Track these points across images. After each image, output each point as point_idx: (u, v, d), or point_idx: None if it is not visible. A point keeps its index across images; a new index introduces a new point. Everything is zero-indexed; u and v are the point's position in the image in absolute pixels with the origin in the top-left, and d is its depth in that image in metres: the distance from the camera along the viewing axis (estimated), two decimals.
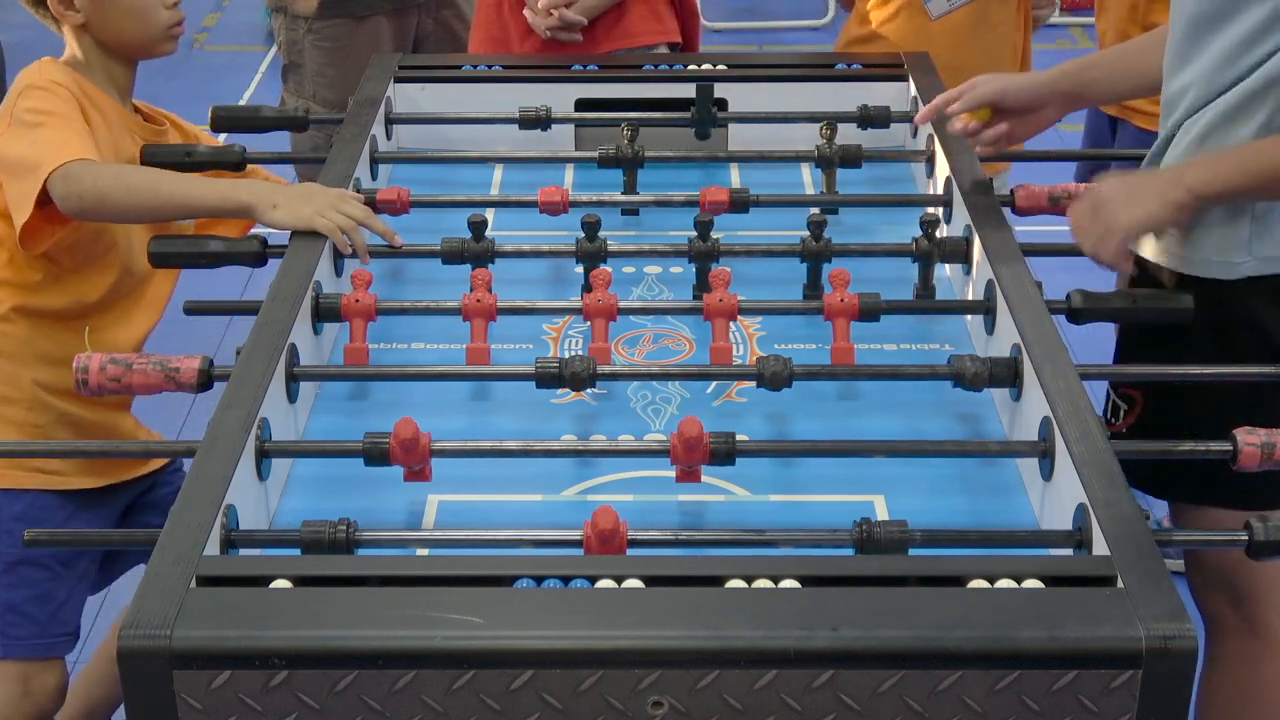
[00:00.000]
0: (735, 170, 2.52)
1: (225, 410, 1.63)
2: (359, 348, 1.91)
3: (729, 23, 6.62)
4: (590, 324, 1.92)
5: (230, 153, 2.36)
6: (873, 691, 1.30)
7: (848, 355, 1.89)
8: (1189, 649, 1.30)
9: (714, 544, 1.59)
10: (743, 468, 1.70)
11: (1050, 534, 1.58)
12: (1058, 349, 1.74)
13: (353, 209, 2.05)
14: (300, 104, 3.43)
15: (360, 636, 1.31)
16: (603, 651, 1.31)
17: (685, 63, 2.70)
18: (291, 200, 2.05)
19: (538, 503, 1.72)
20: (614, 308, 1.91)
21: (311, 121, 2.59)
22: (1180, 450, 1.68)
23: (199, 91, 6.06)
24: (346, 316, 1.92)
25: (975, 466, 1.77)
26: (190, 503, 1.49)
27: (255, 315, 1.82)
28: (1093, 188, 1.95)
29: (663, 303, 2.10)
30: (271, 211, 2.03)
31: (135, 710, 1.32)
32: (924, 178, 2.43)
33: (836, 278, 1.92)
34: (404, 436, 1.62)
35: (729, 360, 1.91)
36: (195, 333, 4.22)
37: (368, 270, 2.01)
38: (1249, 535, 1.52)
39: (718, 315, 1.90)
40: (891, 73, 2.63)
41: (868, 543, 1.52)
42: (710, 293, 1.92)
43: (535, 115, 2.49)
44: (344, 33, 3.35)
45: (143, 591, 1.35)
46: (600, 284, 1.93)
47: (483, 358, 1.90)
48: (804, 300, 2.06)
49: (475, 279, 1.94)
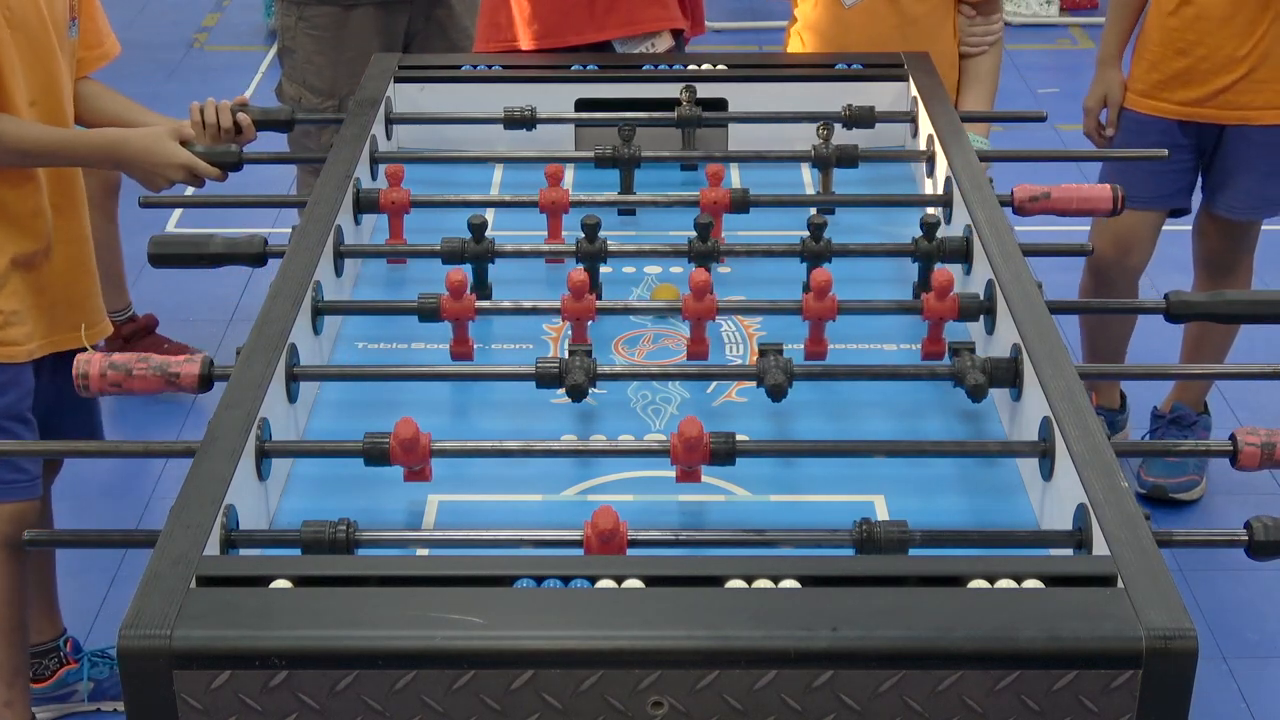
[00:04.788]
0: (735, 170, 2.52)
1: (225, 410, 1.63)
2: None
3: (729, 23, 6.61)
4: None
5: (229, 153, 2.36)
6: (873, 691, 1.30)
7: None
8: (1189, 649, 1.30)
9: (714, 544, 1.59)
10: (743, 468, 1.70)
11: (1050, 534, 1.58)
12: (1058, 349, 1.74)
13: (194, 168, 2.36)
14: (294, 90, 3.45)
15: (360, 636, 1.31)
16: (603, 651, 1.31)
17: (685, 63, 2.70)
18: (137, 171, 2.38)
19: (538, 503, 1.72)
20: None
21: (298, 121, 2.59)
22: (1180, 449, 1.68)
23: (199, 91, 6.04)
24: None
25: (975, 466, 1.77)
26: (190, 503, 1.49)
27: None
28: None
29: (641, 303, 2.09)
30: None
31: (135, 710, 1.32)
32: (924, 178, 2.43)
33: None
34: (404, 436, 1.62)
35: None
36: (195, 333, 4.23)
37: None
38: (1249, 535, 1.52)
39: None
40: (891, 73, 2.63)
41: (868, 543, 1.52)
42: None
43: (520, 115, 2.49)
44: (333, 21, 3.37)
45: (142, 591, 1.35)
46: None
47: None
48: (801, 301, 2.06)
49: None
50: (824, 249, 2.06)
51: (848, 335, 1.98)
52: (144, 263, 2.10)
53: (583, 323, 1.91)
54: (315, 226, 2.05)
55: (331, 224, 2.06)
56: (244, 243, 2.08)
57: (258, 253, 2.06)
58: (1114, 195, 2.19)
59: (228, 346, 3.87)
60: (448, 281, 1.89)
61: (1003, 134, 4.73)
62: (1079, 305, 3.25)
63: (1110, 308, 3.48)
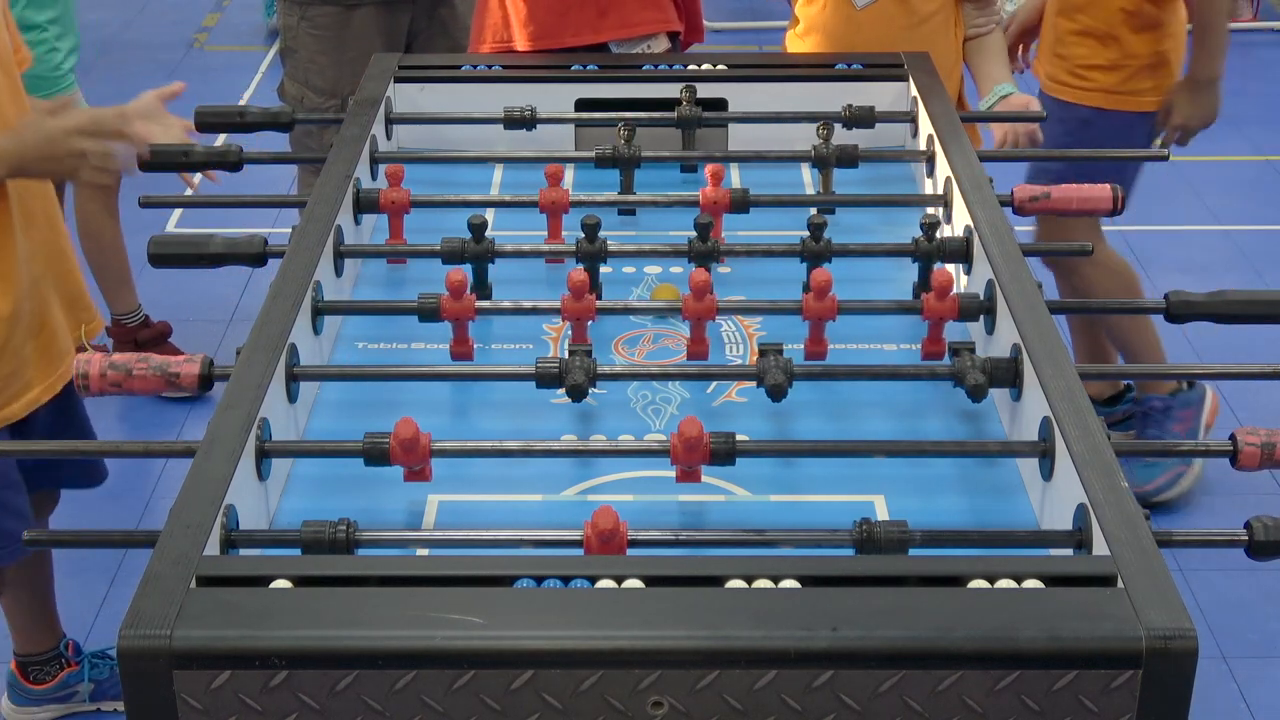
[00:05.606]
0: (735, 170, 2.52)
1: (225, 410, 1.63)
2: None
3: (729, 23, 6.62)
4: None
5: (229, 153, 2.36)
6: (873, 691, 1.30)
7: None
8: (1189, 649, 1.30)
9: (714, 544, 1.59)
10: (743, 468, 1.70)
11: (1050, 534, 1.58)
12: (1058, 349, 1.74)
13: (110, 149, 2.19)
14: (296, 89, 3.45)
15: (360, 636, 1.31)
16: (603, 651, 1.31)
17: (685, 63, 2.70)
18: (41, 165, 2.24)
19: (538, 503, 1.72)
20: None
21: (299, 121, 2.59)
22: (1180, 449, 1.68)
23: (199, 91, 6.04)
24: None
25: (975, 466, 1.77)
26: (190, 503, 1.49)
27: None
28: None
29: (641, 303, 2.09)
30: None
31: (135, 710, 1.32)
32: (924, 178, 2.43)
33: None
34: (404, 436, 1.62)
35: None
36: (196, 333, 4.23)
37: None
38: (1249, 535, 1.52)
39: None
40: (891, 73, 2.63)
41: (868, 543, 1.52)
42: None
43: (520, 115, 2.49)
44: (335, 21, 3.38)
45: (142, 591, 1.35)
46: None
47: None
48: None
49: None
50: (824, 249, 2.06)
51: (848, 335, 1.98)
52: (144, 263, 2.10)
53: (583, 323, 1.91)
54: (315, 226, 2.05)
55: (331, 224, 2.06)
56: (244, 243, 2.08)
57: (258, 253, 2.06)
58: (1114, 195, 2.19)
59: (228, 346, 3.88)
60: (448, 281, 1.89)
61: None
62: (1079, 305, 3.25)
63: (1110, 308, 3.48)
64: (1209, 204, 5.14)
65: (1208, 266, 4.57)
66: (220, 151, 2.36)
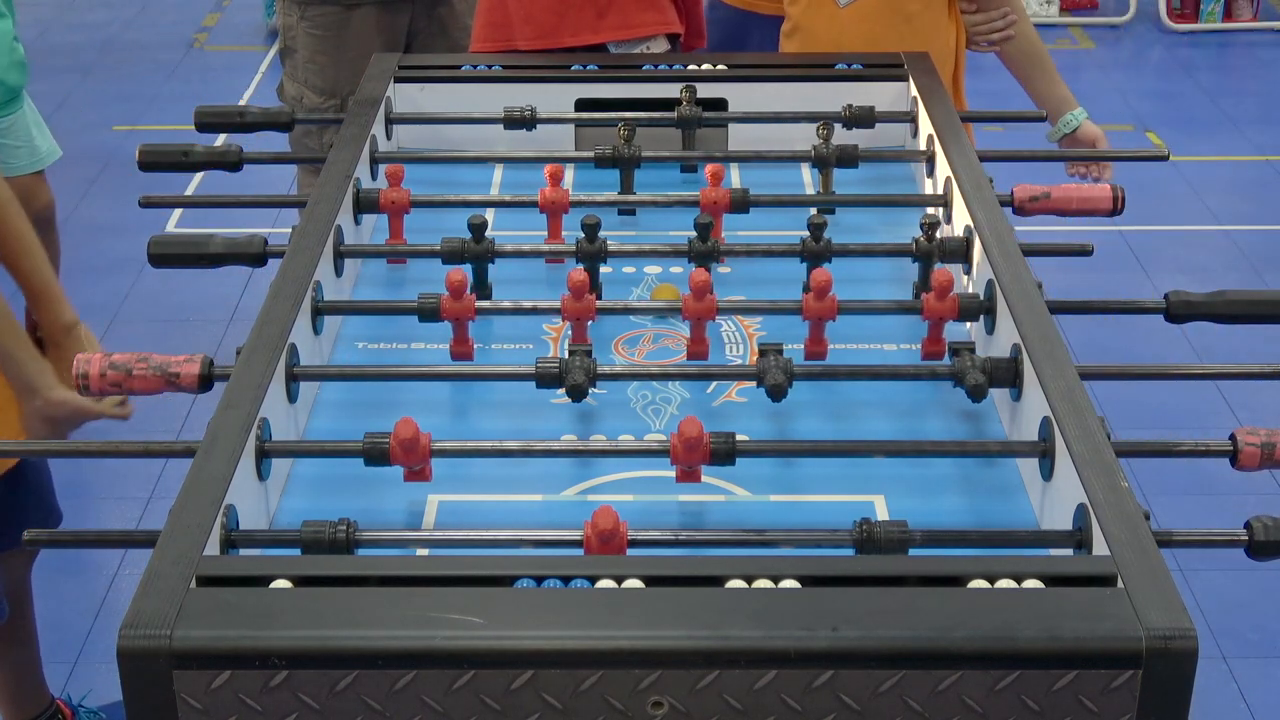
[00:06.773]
0: (735, 170, 2.52)
1: (225, 410, 1.63)
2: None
3: None
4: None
5: (228, 153, 2.36)
6: (873, 691, 1.30)
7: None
8: (1189, 649, 1.30)
9: (714, 544, 1.59)
10: (743, 468, 1.70)
11: (1050, 534, 1.58)
12: (1058, 349, 1.74)
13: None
14: (296, 89, 3.45)
15: (360, 636, 1.31)
16: (603, 651, 1.31)
17: (685, 63, 2.70)
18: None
19: (538, 503, 1.72)
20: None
21: (298, 121, 2.59)
22: (1181, 449, 1.68)
23: (198, 91, 6.07)
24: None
25: (975, 466, 1.77)
26: (190, 503, 1.49)
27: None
28: None
29: (641, 303, 2.09)
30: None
31: (135, 710, 1.32)
32: (924, 178, 2.43)
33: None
34: (404, 436, 1.62)
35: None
36: (196, 333, 4.23)
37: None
38: (1249, 535, 1.52)
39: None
40: (891, 73, 2.63)
41: (868, 543, 1.52)
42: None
43: (520, 115, 2.49)
44: (334, 21, 3.38)
45: (142, 591, 1.35)
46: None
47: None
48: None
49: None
50: (824, 249, 2.06)
51: (848, 335, 1.98)
52: (144, 263, 2.10)
53: (583, 323, 1.91)
54: (315, 226, 2.05)
55: (331, 224, 2.06)
56: (244, 243, 2.08)
57: (258, 253, 2.06)
58: (1114, 195, 2.19)
59: (228, 346, 3.88)
60: (448, 281, 1.89)
61: (1002, 134, 4.74)
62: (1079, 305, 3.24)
63: (1110, 307, 3.48)
64: (1209, 204, 5.14)
65: (1208, 266, 4.58)
66: (220, 151, 2.36)
